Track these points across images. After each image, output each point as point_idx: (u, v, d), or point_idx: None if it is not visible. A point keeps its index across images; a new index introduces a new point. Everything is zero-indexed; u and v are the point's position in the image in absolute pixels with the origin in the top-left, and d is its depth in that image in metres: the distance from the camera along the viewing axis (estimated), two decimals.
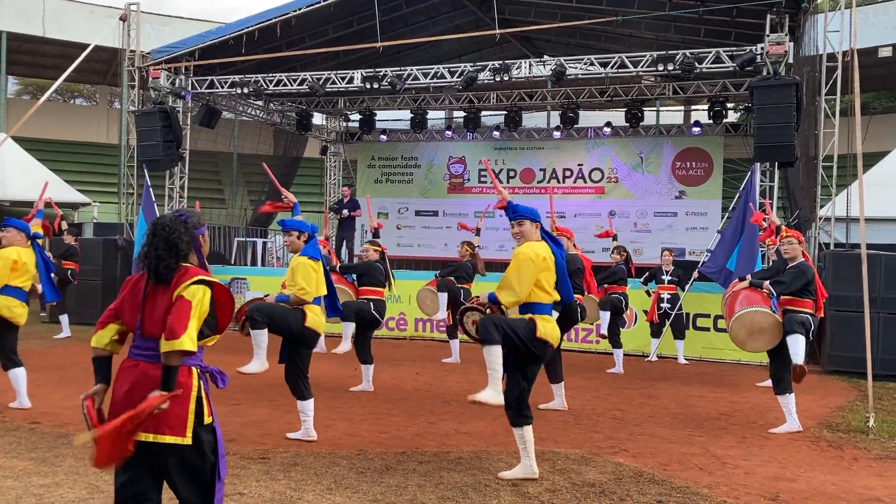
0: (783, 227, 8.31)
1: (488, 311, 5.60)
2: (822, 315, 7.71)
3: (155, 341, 3.44)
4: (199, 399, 3.53)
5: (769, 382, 9.33)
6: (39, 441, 6.21)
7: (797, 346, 7.07)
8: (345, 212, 16.55)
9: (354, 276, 9.31)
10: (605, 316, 10.60)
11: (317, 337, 6.70)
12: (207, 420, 3.55)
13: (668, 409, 8.29)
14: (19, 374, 7.38)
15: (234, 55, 14.93)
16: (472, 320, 5.69)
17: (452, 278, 11.13)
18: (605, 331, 10.72)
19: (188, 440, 3.45)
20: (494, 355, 5.26)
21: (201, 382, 3.58)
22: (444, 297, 10.92)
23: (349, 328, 8.67)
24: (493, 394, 5.29)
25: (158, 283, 3.51)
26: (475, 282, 11.33)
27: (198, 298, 3.49)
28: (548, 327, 5.39)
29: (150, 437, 3.39)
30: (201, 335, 3.57)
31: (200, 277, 3.53)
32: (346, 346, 8.67)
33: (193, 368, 3.54)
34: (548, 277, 5.40)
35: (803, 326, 7.18)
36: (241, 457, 5.83)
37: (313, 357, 6.82)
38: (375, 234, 9.93)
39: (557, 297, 5.49)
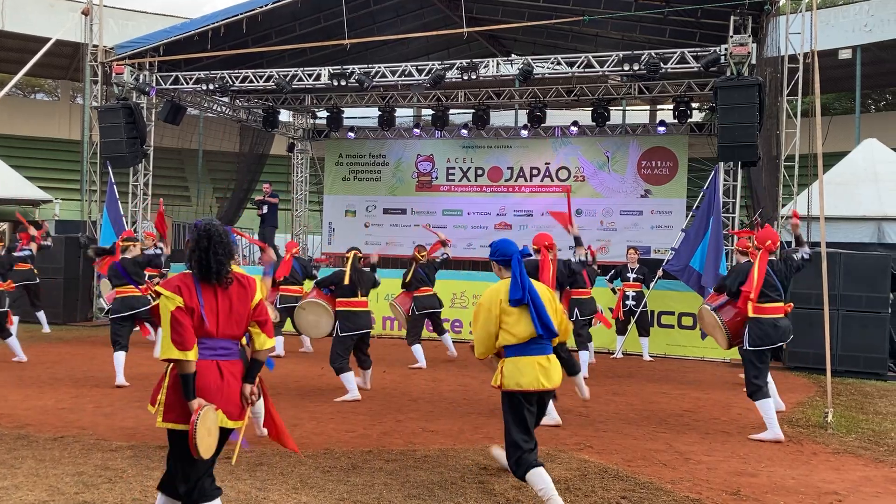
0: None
1: None
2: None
3: (231, 341, 3.88)
4: None
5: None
6: None
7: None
8: (265, 208, 17.01)
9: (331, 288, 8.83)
10: None
11: None
12: None
13: (632, 406, 8.38)
14: None
15: (200, 51, 14.75)
16: None
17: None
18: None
19: (246, 421, 3.97)
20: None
21: None
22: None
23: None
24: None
25: (220, 286, 3.83)
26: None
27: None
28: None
29: (230, 424, 3.84)
30: None
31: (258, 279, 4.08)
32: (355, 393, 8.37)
33: None
34: (505, 319, 4.86)
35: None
36: None
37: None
38: None
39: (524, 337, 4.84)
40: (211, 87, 14.94)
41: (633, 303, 11.77)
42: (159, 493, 3.93)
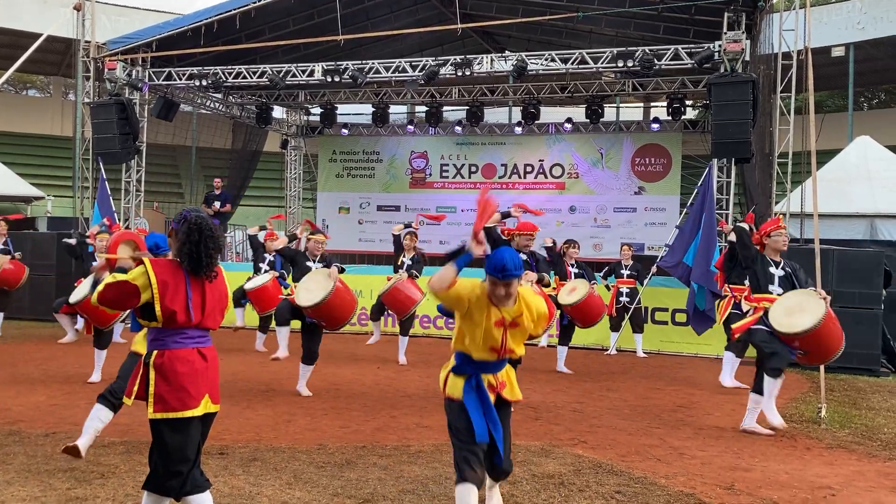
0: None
1: None
2: None
3: (207, 330, 3.90)
4: None
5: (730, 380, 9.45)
6: None
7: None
8: (216, 204, 16.31)
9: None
10: None
11: None
12: None
13: (626, 402, 8.38)
14: None
15: (193, 47, 14.72)
16: None
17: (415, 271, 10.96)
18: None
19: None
20: None
21: None
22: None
23: (283, 332, 8.26)
24: None
25: (206, 280, 3.86)
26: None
27: None
28: None
29: (213, 408, 3.89)
30: None
31: None
32: (283, 352, 8.21)
33: None
34: None
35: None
36: None
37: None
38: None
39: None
40: (204, 82, 14.89)
41: (627, 299, 11.80)
42: (145, 492, 3.87)
